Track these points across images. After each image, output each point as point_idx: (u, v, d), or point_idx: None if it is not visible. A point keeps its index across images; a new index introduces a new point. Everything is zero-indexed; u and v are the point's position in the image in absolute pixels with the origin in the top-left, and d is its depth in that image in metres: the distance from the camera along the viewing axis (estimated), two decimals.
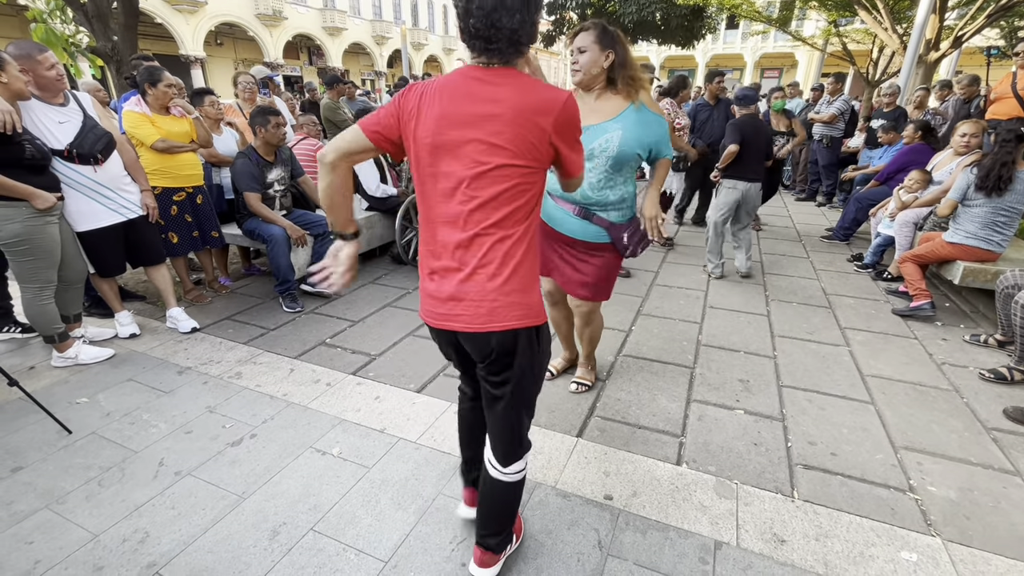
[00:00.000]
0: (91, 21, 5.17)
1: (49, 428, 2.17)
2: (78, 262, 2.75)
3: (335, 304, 3.58)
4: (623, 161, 1.97)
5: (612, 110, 1.95)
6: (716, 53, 31.68)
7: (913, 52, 7.08)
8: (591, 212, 2.06)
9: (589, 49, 1.91)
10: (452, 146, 1.14)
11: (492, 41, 1.12)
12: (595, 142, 1.94)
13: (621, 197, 2.04)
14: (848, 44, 13.61)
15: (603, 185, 2.01)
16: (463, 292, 1.20)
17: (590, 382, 2.55)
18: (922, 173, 4.08)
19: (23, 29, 5.04)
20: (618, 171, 2.00)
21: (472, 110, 1.12)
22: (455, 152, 1.14)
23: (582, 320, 2.36)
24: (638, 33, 13.36)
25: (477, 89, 1.13)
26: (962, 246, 3.27)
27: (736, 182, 3.93)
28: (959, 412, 2.37)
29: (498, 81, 1.14)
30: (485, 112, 1.12)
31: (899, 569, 1.56)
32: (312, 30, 24.11)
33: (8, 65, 2.27)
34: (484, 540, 1.48)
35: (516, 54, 1.17)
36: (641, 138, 1.94)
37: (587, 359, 2.56)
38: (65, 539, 1.65)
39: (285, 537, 1.66)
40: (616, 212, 2.06)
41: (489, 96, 1.12)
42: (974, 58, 18.47)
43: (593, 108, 1.97)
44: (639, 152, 1.96)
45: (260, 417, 2.29)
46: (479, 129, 1.12)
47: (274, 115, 3.36)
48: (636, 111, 1.94)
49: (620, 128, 1.93)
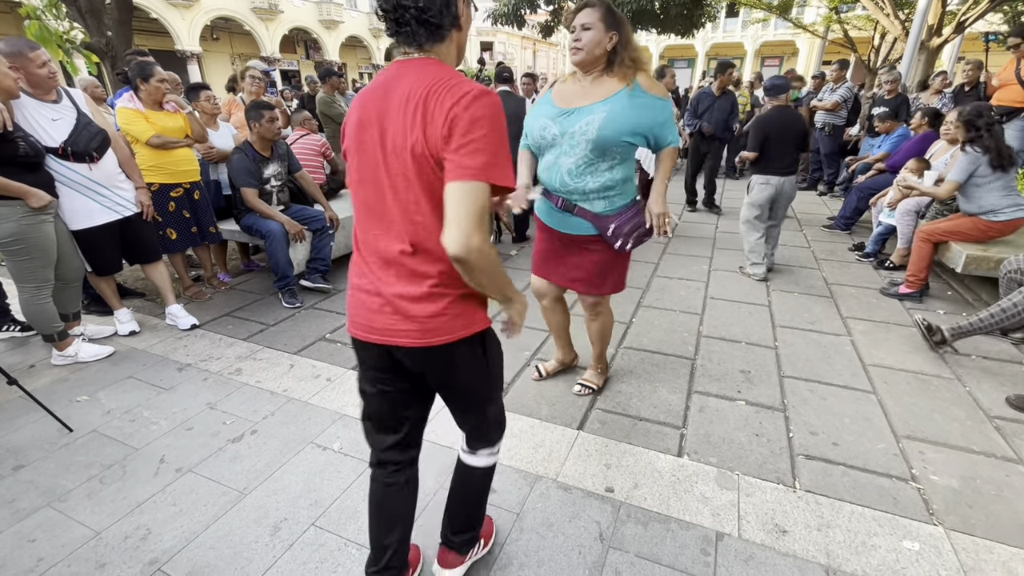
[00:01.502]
0: (85, 17, 5.13)
1: (50, 426, 2.17)
2: (75, 260, 2.74)
3: (334, 299, 3.57)
4: (604, 146, 1.82)
5: (603, 93, 1.83)
6: (716, 42, 31.39)
7: (915, 38, 7.02)
8: (572, 203, 1.95)
9: (594, 27, 1.78)
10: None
11: (401, 23, 1.04)
12: (576, 124, 1.82)
13: (603, 185, 1.90)
14: (849, 31, 13.48)
15: (582, 171, 1.88)
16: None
17: (595, 386, 2.43)
18: (918, 161, 4.05)
19: (17, 26, 5.01)
20: (600, 157, 1.85)
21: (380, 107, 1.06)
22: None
23: (587, 312, 2.28)
24: (637, 22, 13.23)
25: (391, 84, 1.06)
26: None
27: (768, 177, 3.71)
28: (961, 401, 2.36)
29: (404, 72, 1.05)
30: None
31: (901, 558, 1.55)
32: (308, 23, 23.91)
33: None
34: (448, 539, 1.44)
35: (432, 38, 1.06)
36: (632, 122, 1.79)
37: (596, 360, 2.44)
38: (67, 537, 1.65)
39: (286, 532, 1.66)
40: (601, 201, 1.93)
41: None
42: (977, 44, 18.31)
43: (586, 91, 1.86)
44: (627, 139, 1.82)
45: (260, 413, 2.28)
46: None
47: (267, 109, 3.33)
48: (629, 94, 1.80)
49: (605, 111, 1.79)
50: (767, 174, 3.72)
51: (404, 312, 1.11)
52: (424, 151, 1.01)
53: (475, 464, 1.38)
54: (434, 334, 1.11)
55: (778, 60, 30.96)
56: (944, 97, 5.84)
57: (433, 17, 1.04)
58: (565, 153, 1.88)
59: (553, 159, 1.93)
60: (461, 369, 1.21)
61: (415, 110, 1.01)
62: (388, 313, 1.12)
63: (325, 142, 4.52)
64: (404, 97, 1.03)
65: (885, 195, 4.35)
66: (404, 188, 1.06)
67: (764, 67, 29.46)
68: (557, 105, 1.90)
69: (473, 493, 1.43)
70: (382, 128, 1.06)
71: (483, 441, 1.37)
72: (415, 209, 1.06)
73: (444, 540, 1.46)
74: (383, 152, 1.07)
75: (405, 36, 1.06)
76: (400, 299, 1.10)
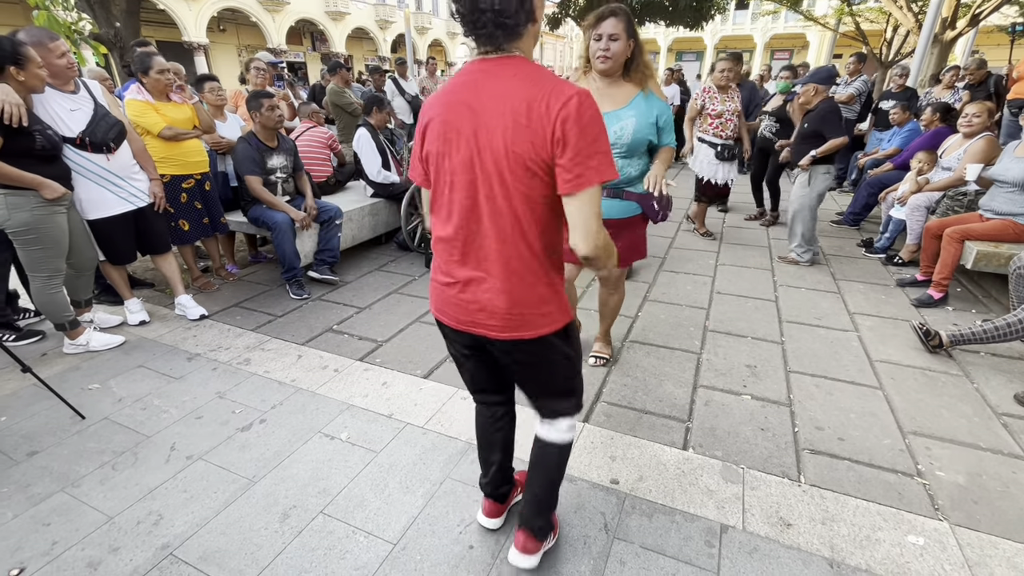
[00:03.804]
0: (93, 7, 5.14)
1: (63, 413, 2.20)
2: (88, 250, 2.77)
3: (342, 291, 3.59)
4: (637, 146, 2.09)
5: (624, 97, 2.05)
6: (725, 35, 31.04)
7: (928, 31, 6.90)
8: (620, 190, 2.19)
9: (620, 37, 1.95)
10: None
11: (478, 25, 1.06)
12: (609, 130, 1.99)
13: (642, 171, 2.17)
14: (861, 23, 13.29)
15: (622, 165, 2.12)
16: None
17: (608, 355, 2.64)
18: (928, 153, 4.00)
19: (25, 16, 5.01)
20: (632, 154, 2.12)
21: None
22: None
23: (608, 288, 2.47)
24: (645, 15, 13.10)
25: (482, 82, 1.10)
26: None
27: (829, 167, 3.82)
28: (969, 397, 2.35)
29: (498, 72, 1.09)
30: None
31: (905, 552, 1.56)
32: (315, 15, 23.82)
33: (30, 63, 2.27)
34: (529, 521, 1.45)
35: (510, 37, 1.08)
36: (651, 122, 2.06)
37: (605, 333, 2.66)
38: (81, 521, 1.69)
39: (295, 520, 1.68)
40: (640, 184, 2.19)
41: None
42: (992, 37, 18.01)
43: (606, 94, 2.04)
44: (651, 137, 2.09)
45: (269, 403, 2.31)
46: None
47: (266, 97, 3.34)
48: (645, 98, 2.05)
49: (633, 116, 2.03)
50: (829, 163, 3.83)
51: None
52: (531, 155, 1.04)
53: (555, 441, 1.41)
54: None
55: (788, 53, 30.59)
56: (956, 92, 5.76)
57: (509, 19, 1.05)
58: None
59: None
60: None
61: (518, 114, 1.03)
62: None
63: (332, 134, 4.53)
64: (500, 97, 1.06)
65: (895, 190, 4.30)
66: (500, 189, 1.10)
67: (774, 60, 29.13)
68: None
69: (555, 465, 1.44)
70: (476, 127, 1.08)
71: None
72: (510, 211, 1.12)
73: (524, 522, 1.46)
74: (478, 151, 1.09)
75: (483, 38, 1.09)
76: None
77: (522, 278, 1.17)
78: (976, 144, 3.68)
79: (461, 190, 1.14)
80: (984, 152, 3.62)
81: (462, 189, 1.14)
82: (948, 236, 3.28)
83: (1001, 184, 3.21)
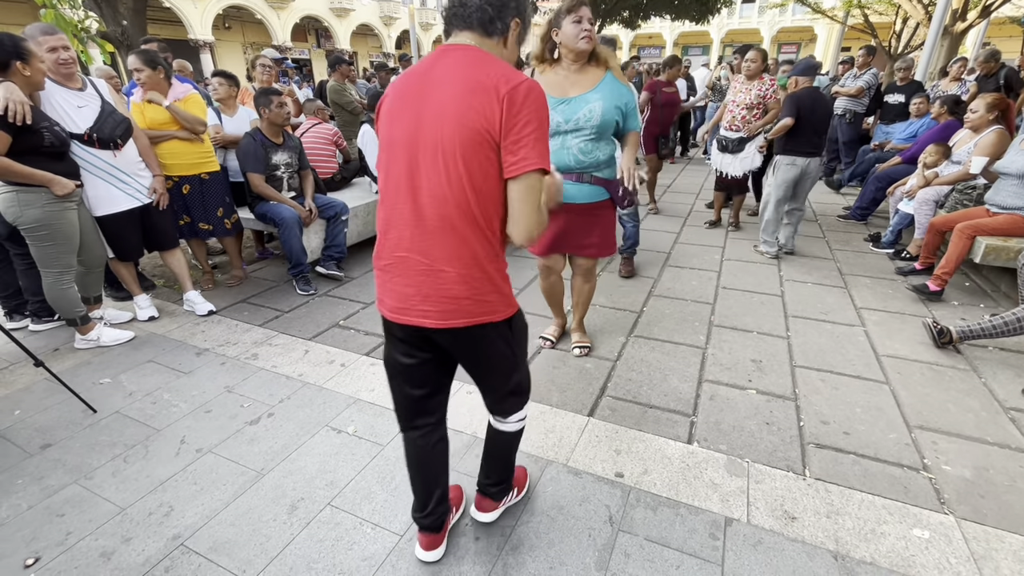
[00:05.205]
0: (100, 6, 5.19)
1: (75, 407, 2.24)
2: (98, 247, 2.80)
3: (348, 287, 3.61)
4: (606, 128, 2.18)
5: (591, 81, 2.15)
6: (731, 28, 30.78)
7: (938, 23, 6.81)
8: (589, 175, 2.26)
9: (593, 21, 2.11)
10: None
11: (465, 19, 1.14)
12: (579, 113, 2.13)
13: (609, 155, 2.26)
14: (870, 16, 13.14)
15: (591, 149, 2.20)
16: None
17: (589, 344, 2.71)
18: (940, 146, 3.96)
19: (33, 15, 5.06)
20: (601, 136, 2.20)
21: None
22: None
23: (583, 277, 2.54)
24: (650, 8, 13.01)
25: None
26: None
27: (794, 158, 3.75)
28: (976, 391, 2.34)
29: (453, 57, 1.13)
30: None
31: (911, 546, 1.56)
32: (319, 11, 23.81)
33: (33, 58, 2.29)
34: (485, 488, 1.59)
35: (483, 24, 1.14)
36: (616, 102, 2.15)
37: (580, 323, 2.74)
38: (94, 512, 1.72)
39: (303, 511, 1.71)
40: (608, 170, 2.29)
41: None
42: (1003, 28, 17.73)
43: (575, 80, 2.15)
44: (617, 119, 2.18)
45: (277, 397, 2.33)
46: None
47: (275, 95, 3.35)
48: (609, 80, 2.16)
49: (600, 99, 2.12)
50: (793, 154, 3.76)
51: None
52: (478, 129, 1.05)
53: (509, 430, 1.49)
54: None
55: (795, 46, 30.29)
56: (963, 84, 5.69)
57: (492, 5, 1.12)
58: (574, 136, 2.18)
59: (560, 143, 2.20)
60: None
61: (468, 92, 1.05)
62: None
63: (337, 131, 4.53)
64: (451, 78, 1.08)
65: (904, 184, 4.27)
66: (443, 164, 1.09)
67: (781, 53, 28.84)
68: (553, 95, 2.14)
69: (509, 448, 1.54)
70: (422, 104, 1.10)
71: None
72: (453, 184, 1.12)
73: (480, 488, 1.60)
74: (420, 127, 1.10)
75: (459, 20, 1.14)
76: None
77: (460, 259, 1.11)
78: (987, 137, 3.64)
79: (401, 164, 1.12)
80: (994, 145, 3.57)
81: (403, 163, 1.11)
82: (959, 231, 3.23)
83: (1006, 177, 3.18)
